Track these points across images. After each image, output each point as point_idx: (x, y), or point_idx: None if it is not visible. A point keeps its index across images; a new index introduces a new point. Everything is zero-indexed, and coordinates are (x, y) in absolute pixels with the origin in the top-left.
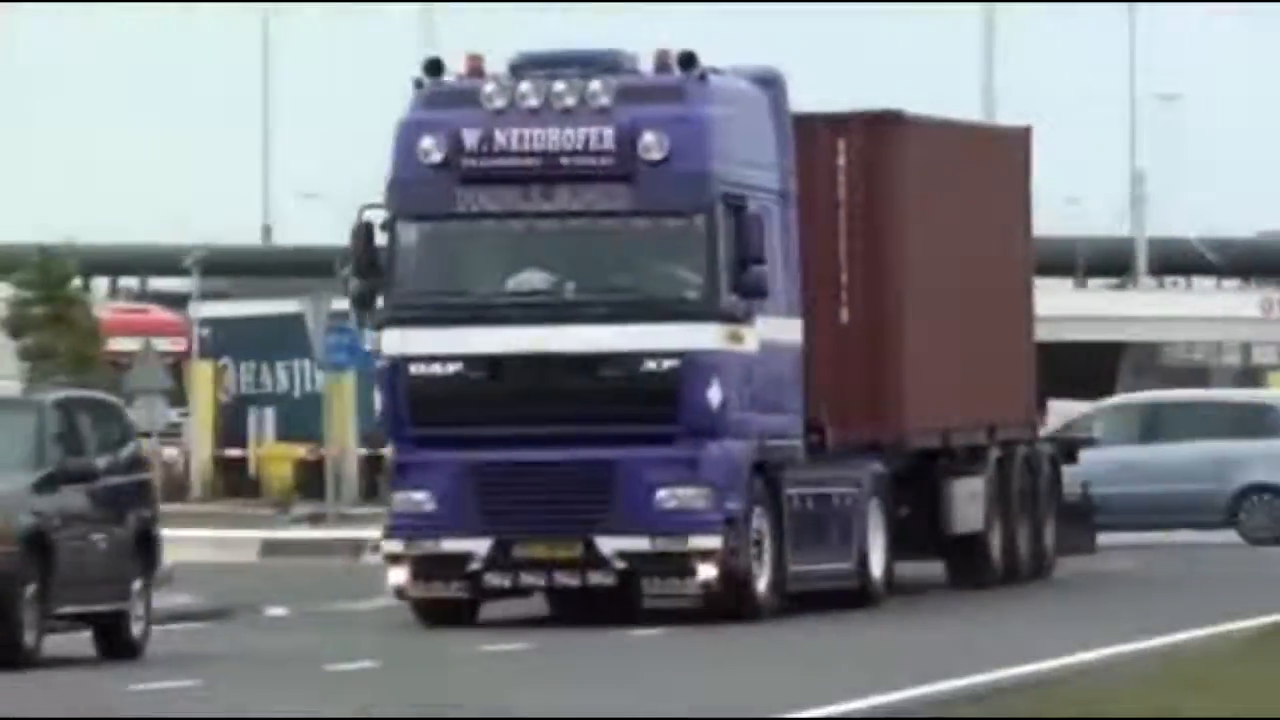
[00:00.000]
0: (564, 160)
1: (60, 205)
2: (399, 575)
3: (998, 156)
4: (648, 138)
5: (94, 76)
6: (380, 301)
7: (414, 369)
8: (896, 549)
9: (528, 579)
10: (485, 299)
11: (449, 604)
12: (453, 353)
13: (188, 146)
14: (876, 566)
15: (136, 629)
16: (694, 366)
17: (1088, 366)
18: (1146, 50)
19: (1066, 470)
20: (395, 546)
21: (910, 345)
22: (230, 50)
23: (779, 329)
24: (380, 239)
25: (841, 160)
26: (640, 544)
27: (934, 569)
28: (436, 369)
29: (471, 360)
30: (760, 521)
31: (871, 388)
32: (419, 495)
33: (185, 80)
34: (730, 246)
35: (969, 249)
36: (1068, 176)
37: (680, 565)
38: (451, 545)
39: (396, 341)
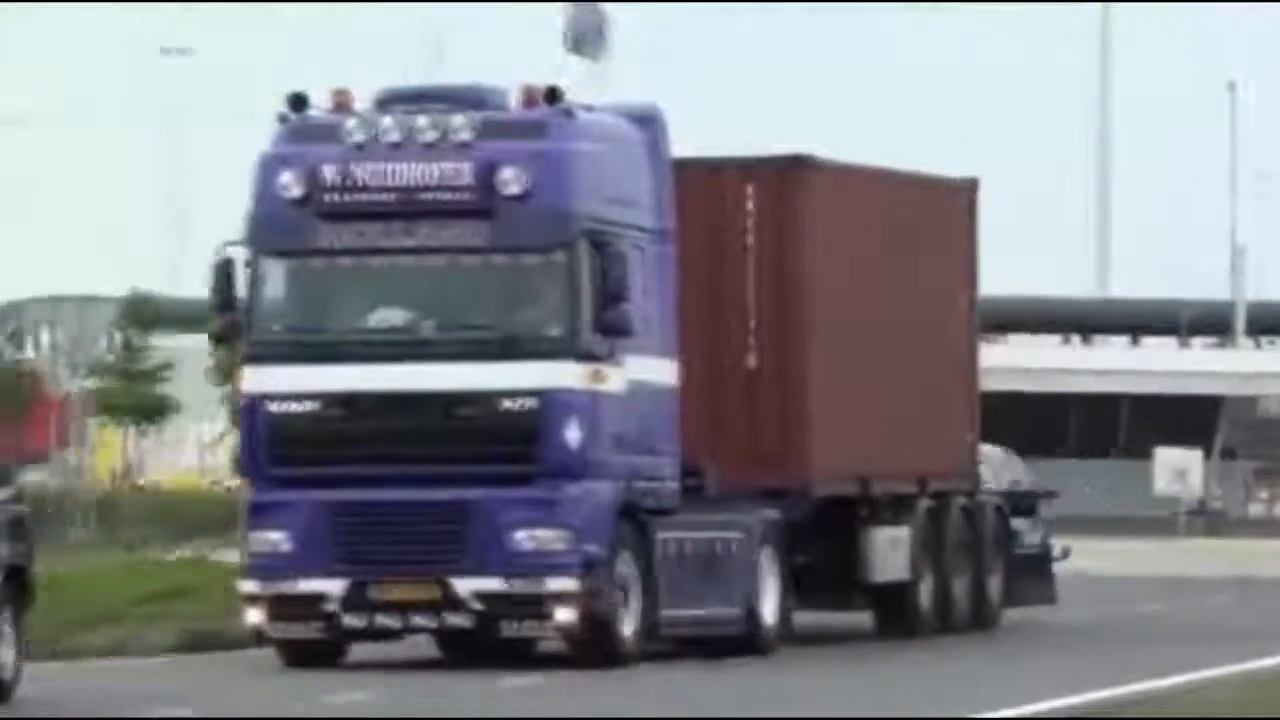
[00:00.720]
0: (422, 196)
1: None
2: (257, 615)
3: (933, 205)
4: (506, 173)
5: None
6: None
7: (271, 407)
8: (813, 597)
9: (384, 620)
10: (343, 336)
11: (310, 645)
12: (309, 391)
13: None
14: (769, 614)
15: (6, 671)
16: (552, 406)
17: (1190, 418)
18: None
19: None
20: (252, 587)
21: (817, 393)
22: None
23: (651, 369)
24: (241, 275)
25: (750, 205)
26: (496, 585)
27: (864, 618)
28: (293, 407)
29: (328, 398)
30: (627, 566)
31: (777, 434)
32: (275, 535)
33: None
34: (593, 284)
35: (893, 298)
36: (1174, 242)
37: (537, 608)
38: (307, 585)
39: (255, 379)
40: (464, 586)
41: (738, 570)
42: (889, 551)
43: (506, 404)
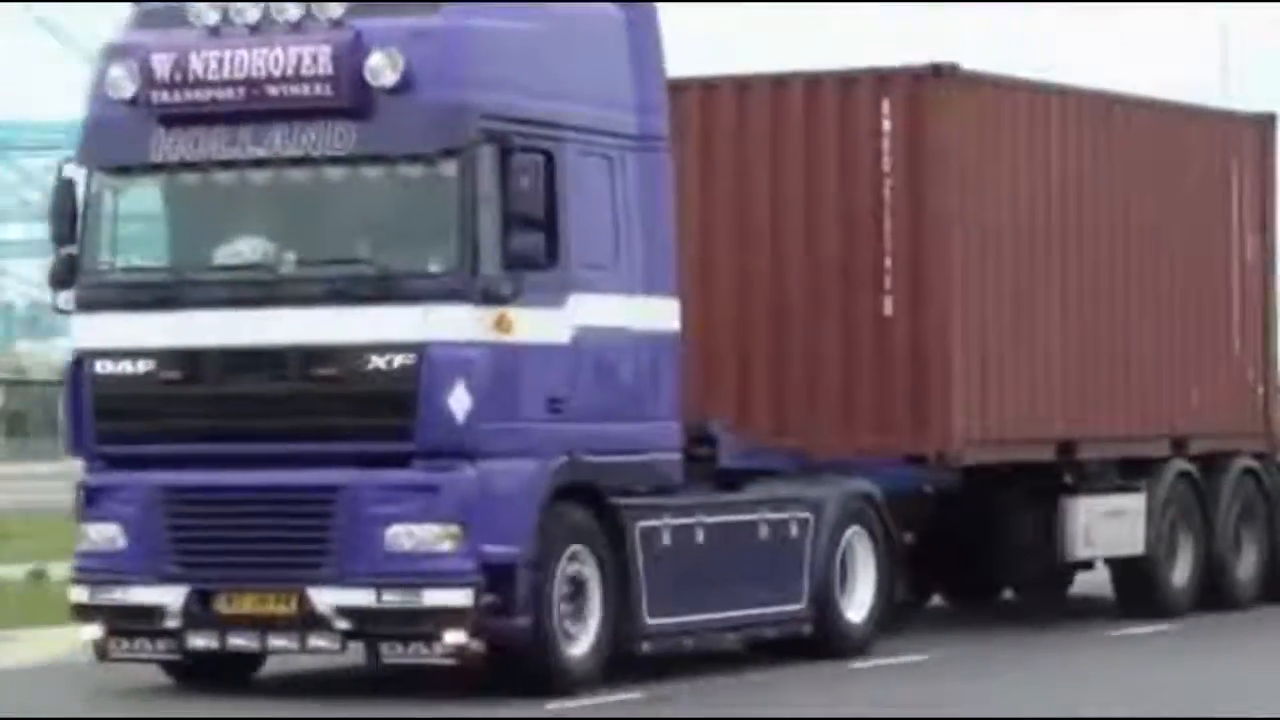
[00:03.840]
0: (273, 91)
1: None
2: (94, 632)
3: (1167, 133)
4: (376, 59)
5: None
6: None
7: (99, 367)
8: (1013, 576)
9: (237, 640)
10: (184, 276)
11: (210, 661)
12: (141, 347)
13: None
14: (856, 608)
15: None
16: (433, 364)
17: None
18: None
19: None
20: (81, 595)
21: (965, 347)
22: None
23: (624, 312)
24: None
25: (886, 124)
26: (363, 599)
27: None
28: (125, 367)
29: (164, 356)
30: (580, 564)
31: (914, 393)
32: (109, 529)
33: None
34: (500, 202)
35: (1099, 238)
36: None
37: (418, 628)
38: (142, 595)
39: (83, 331)
40: (324, 599)
41: (799, 558)
42: (1104, 523)
43: (376, 362)
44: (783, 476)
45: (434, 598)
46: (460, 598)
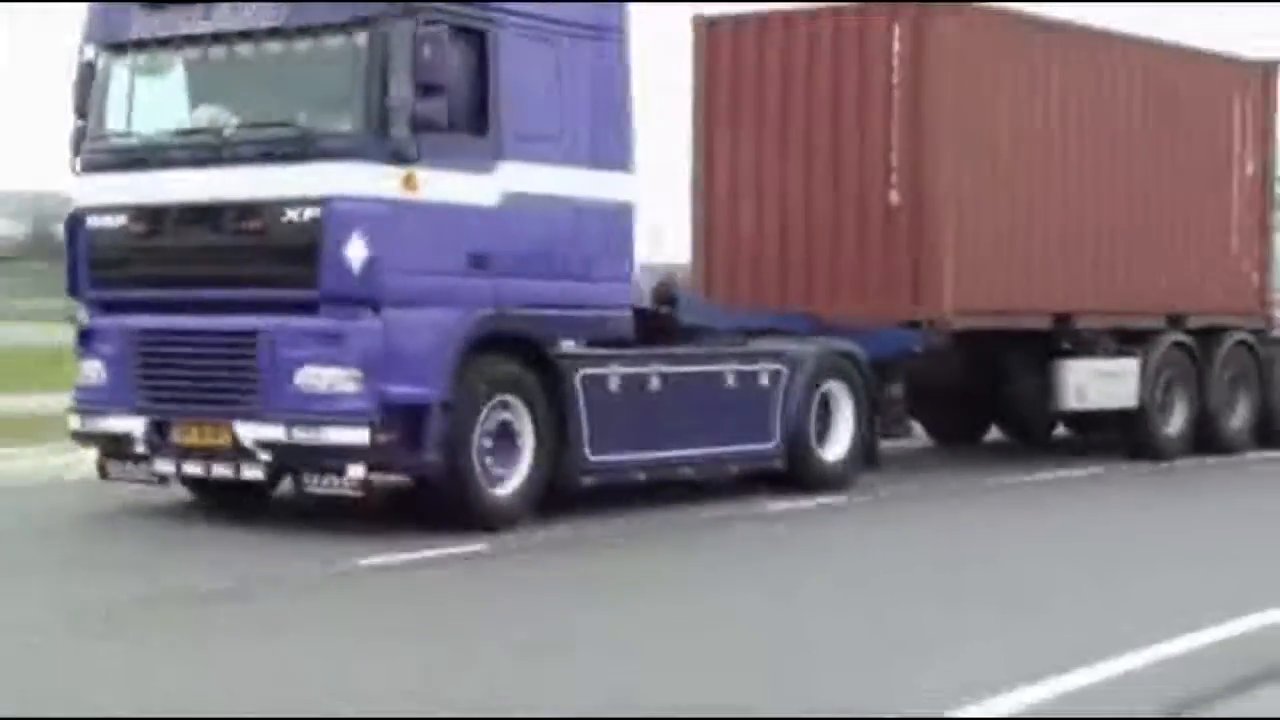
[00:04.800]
0: None
1: None
2: (95, 455)
3: (1160, 68)
4: None
5: None
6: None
7: (90, 221)
8: (1014, 424)
9: (189, 468)
10: (152, 140)
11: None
12: (118, 203)
13: None
14: (835, 448)
15: None
16: (334, 216)
17: None
18: None
19: None
20: (75, 423)
21: (964, 231)
22: None
23: (572, 183)
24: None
25: (896, 46)
26: (277, 433)
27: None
28: (108, 221)
29: (134, 211)
30: (509, 412)
31: (914, 268)
32: (95, 365)
33: None
34: (408, 71)
35: (1099, 152)
36: None
37: (327, 461)
38: (114, 423)
39: (80, 190)
40: (247, 433)
41: (768, 403)
42: (1097, 381)
43: (290, 215)
44: (779, 336)
45: (333, 434)
46: (356, 435)
